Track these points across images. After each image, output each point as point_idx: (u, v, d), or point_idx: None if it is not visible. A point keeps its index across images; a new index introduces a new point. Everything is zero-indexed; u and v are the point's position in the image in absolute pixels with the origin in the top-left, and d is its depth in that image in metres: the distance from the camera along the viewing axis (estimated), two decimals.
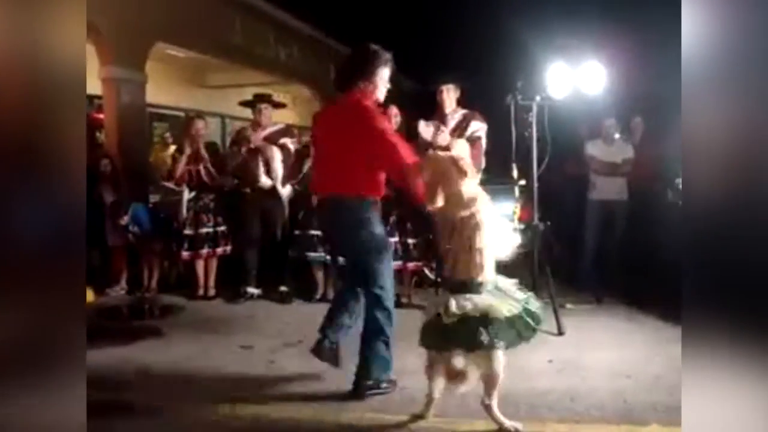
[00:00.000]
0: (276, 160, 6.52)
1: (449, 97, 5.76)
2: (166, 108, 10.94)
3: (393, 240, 5.90)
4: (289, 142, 6.69)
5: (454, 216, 3.31)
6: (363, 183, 3.80)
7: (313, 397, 3.78)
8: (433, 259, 6.10)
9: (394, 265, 5.71)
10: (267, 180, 6.53)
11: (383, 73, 3.90)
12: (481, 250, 3.26)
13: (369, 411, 3.55)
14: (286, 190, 6.62)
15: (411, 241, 6.18)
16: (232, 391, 3.91)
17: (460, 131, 5.57)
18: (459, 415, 3.42)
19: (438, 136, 5.22)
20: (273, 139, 6.64)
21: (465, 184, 3.33)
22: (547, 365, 4.32)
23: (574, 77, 5.45)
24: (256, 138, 6.59)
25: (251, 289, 6.59)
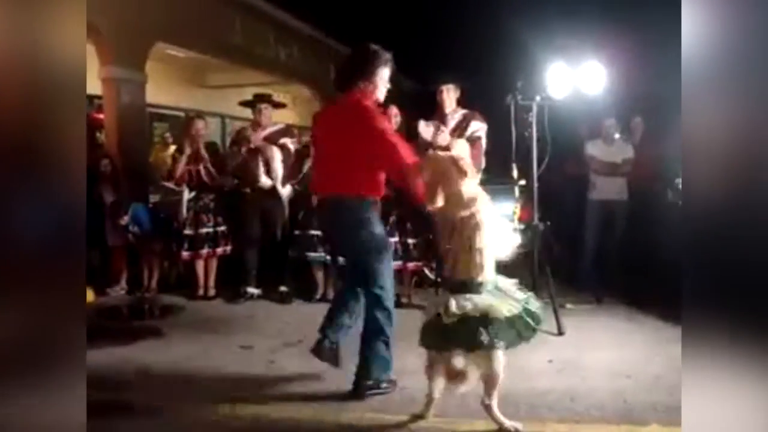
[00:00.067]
0: (276, 160, 6.52)
1: (449, 97, 5.76)
2: (166, 108, 10.94)
3: (393, 240, 5.91)
4: (289, 142, 6.69)
5: (454, 216, 3.31)
6: (363, 183, 3.79)
7: (313, 397, 3.78)
8: (433, 259, 6.10)
9: (394, 265, 5.71)
10: (267, 180, 6.53)
11: (383, 73, 3.89)
12: (481, 250, 3.26)
13: (369, 411, 3.55)
14: (286, 190, 6.62)
15: (411, 241, 6.18)
16: (232, 391, 3.91)
17: (460, 131, 5.57)
18: (459, 415, 3.42)
19: (438, 136, 5.22)
20: (273, 139, 6.64)
21: (465, 184, 3.33)
22: (547, 365, 4.32)
23: (574, 77, 5.46)
24: (256, 138, 6.59)
25: (251, 289, 6.59)
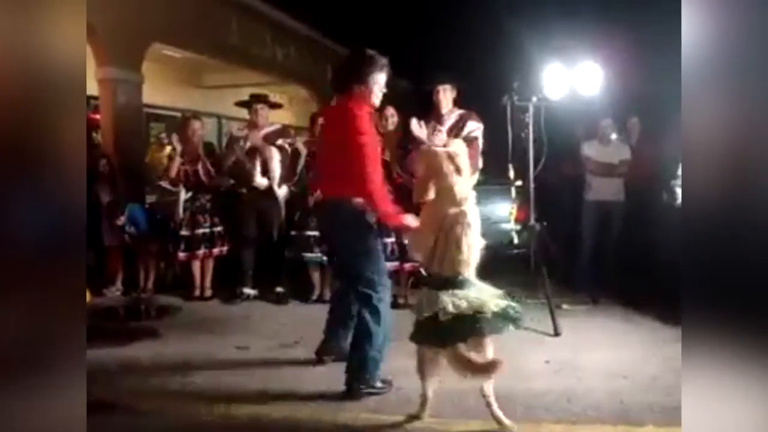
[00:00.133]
0: (274, 160, 6.51)
1: (445, 97, 5.75)
2: (163, 108, 10.92)
3: (389, 240, 5.91)
4: (286, 143, 6.69)
5: (444, 212, 3.34)
6: (355, 185, 3.81)
7: (309, 398, 3.78)
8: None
9: (391, 265, 5.73)
10: (262, 180, 6.53)
11: (378, 77, 3.89)
12: (469, 246, 3.32)
13: (365, 411, 3.55)
14: (282, 191, 6.61)
15: (407, 241, 6.16)
16: (228, 392, 3.90)
17: (457, 131, 5.56)
18: (454, 416, 3.43)
19: (435, 136, 5.23)
20: (271, 139, 6.63)
21: (459, 182, 3.38)
22: (543, 366, 4.32)
23: (570, 78, 5.47)
24: (255, 138, 6.58)
25: (247, 290, 6.58)
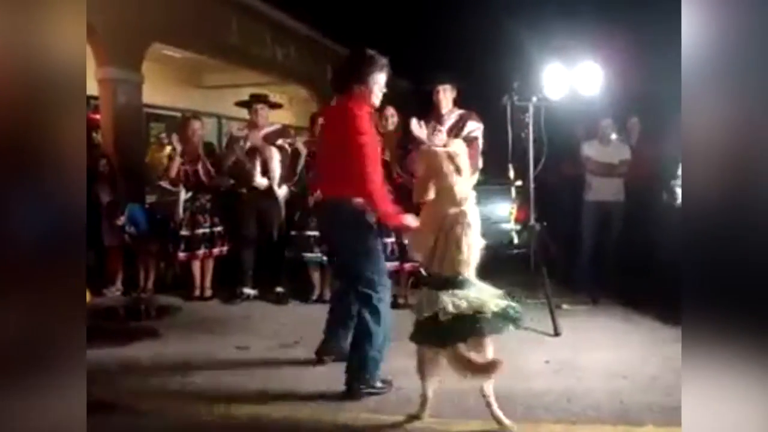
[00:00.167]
0: (275, 160, 6.51)
1: (446, 97, 5.75)
2: (163, 108, 10.92)
3: (389, 240, 5.91)
4: (286, 143, 6.69)
5: (445, 212, 3.34)
6: (355, 185, 3.81)
7: (309, 398, 3.77)
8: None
9: (391, 265, 5.73)
10: (262, 180, 6.52)
11: (378, 77, 3.90)
12: (469, 246, 3.33)
13: (365, 411, 3.55)
14: (282, 191, 6.61)
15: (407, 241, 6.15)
16: (228, 392, 3.90)
17: (457, 131, 5.55)
18: (454, 416, 3.43)
19: (435, 136, 5.23)
20: (271, 139, 6.63)
21: (459, 182, 3.39)
22: (543, 366, 4.32)
23: (570, 78, 5.47)
24: (255, 138, 6.57)
25: (247, 290, 6.58)
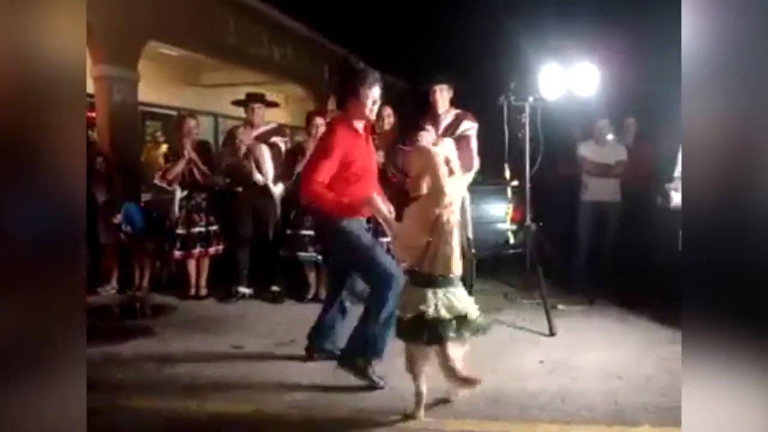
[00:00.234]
0: (266, 158, 6.49)
1: (442, 97, 5.75)
2: (159, 107, 10.90)
3: (385, 240, 5.90)
4: (279, 141, 6.69)
5: (438, 210, 3.35)
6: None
7: (304, 397, 3.77)
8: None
9: None
10: (261, 177, 6.51)
11: (370, 92, 3.93)
12: (458, 245, 3.40)
13: (361, 411, 3.54)
14: (278, 189, 6.59)
15: None
16: (224, 390, 3.90)
17: (453, 131, 5.56)
18: (447, 416, 3.43)
19: (425, 136, 5.25)
20: (264, 138, 6.63)
21: (452, 181, 3.41)
22: (538, 366, 4.32)
23: (566, 78, 5.47)
24: (248, 137, 6.58)
25: (243, 289, 6.57)
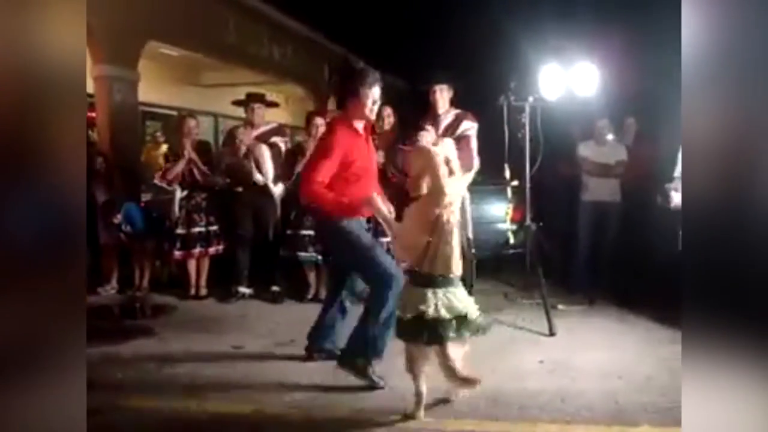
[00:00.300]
0: (266, 158, 6.49)
1: (442, 97, 5.74)
2: (159, 107, 10.91)
3: (385, 240, 5.90)
4: (279, 141, 6.68)
5: (438, 211, 3.36)
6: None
7: (302, 397, 3.77)
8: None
9: None
10: (261, 177, 6.51)
11: (370, 92, 3.94)
12: (458, 245, 3.41)
13: (361, 410, 3.55)
14: (278, 189, 6.59)
15: None
16: (224, 390, 3.90)
17: (452, 131, 5.56)
18: (447, 416, 3.43)
19: (425, 136, 5.25)
20: (264, 138, 6.63)
21: (452, 181, 3.41)
22: (538, 366, 4.32)
23: (566, 78, 5.47)
24: (247, 137, 6.57)
25: (243, 289, 6.56)
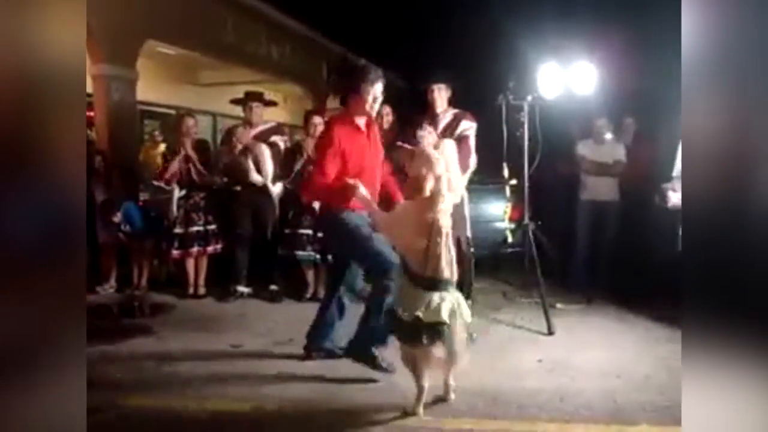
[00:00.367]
0: (266, 157, 6.49)
1: (440, 96, 5.74)
2: (157, 105, 10.90)
3: None
4: (279, 140, 6.68)
5: (435, 213, 3.36)
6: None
7: (304, 395, 3.77)
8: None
9: None
10: (258, 177, 6.51)
11: (372, 88, 3.94)
12: (453, 248, 3.43)
13: (360, 407, 3.55)
14: (276, 188, 6.58)
15: None
16: (222, 388, 3.91)
17: (451, 131, 5.57)
18: (446, 414, 3.43)
19: (426, 137, 5.25)
20: (263, 137, 6.62)
21: (450, 185, 3.42)
22: (536, 365, 4.32)
23: (565, 77, 5.47)
24: (246, 136, 6.57)
25: (241, 288, 6.56)
